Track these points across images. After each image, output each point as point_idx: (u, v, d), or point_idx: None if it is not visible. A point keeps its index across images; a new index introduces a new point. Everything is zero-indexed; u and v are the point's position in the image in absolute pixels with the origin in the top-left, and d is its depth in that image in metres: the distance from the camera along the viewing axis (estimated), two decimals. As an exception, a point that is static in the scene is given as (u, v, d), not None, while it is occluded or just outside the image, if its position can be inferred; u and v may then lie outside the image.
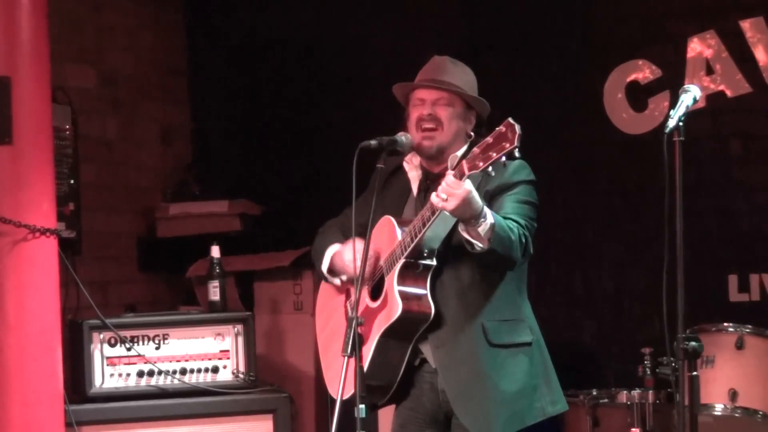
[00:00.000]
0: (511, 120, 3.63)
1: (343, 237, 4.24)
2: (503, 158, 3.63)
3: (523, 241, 3.91)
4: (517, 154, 3.63)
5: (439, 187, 3.75)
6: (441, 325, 4.01)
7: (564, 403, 4.15)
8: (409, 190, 4.18)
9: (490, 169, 3.66)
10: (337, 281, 4.26)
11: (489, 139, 3.66)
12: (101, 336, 5.16)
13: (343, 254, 4.19)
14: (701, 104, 5.48)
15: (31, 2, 4.75)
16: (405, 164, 4.18)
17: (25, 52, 4.75)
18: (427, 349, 4.06)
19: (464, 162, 3.70)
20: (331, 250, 4.25)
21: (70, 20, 6.01)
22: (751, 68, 5.90)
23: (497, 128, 3.65)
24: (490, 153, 3.64)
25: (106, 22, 6.32)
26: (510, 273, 4.02)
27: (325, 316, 4.39)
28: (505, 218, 3.89)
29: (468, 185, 3.70)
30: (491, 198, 3.97)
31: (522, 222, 3.93)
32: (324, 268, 4.26)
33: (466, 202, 3.71)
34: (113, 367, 5.18)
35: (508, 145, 3.61)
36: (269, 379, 5.54)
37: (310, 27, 6.70)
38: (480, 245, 3.78)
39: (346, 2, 6.62)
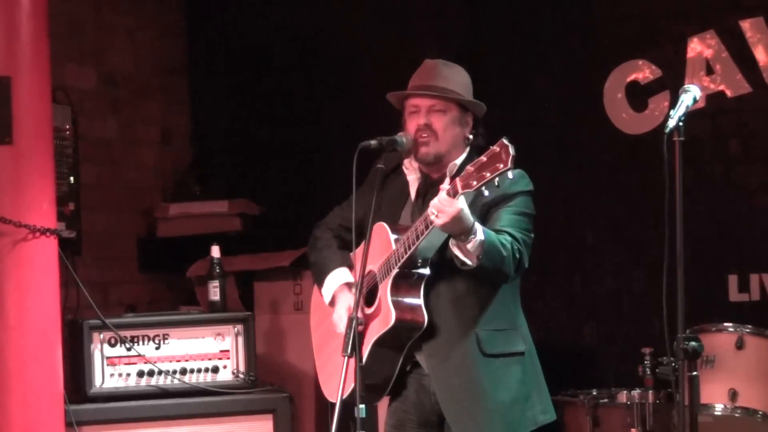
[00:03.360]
0: (505, 141, 3.60)
1: (342, 249, 4.22)
2: (496, 180, 3.62)
3: (517, 256, 3.87)
4: (510, 175, 3.61)
5: (431, 203, 3.74)
6: (435, 334, 3.99)
7: (553, 412, 4.14)
8: (407, 193, 4.16)
9: (483, 188, 3.65)
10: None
11: (483, 158, 3.63)
12: (101, 336, 5.16)
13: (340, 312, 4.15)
14: (701, 104, 5.48)
15: (31, 2, 4.75)
16: (404, 167, 4.17)
17: (25, 52, 4.75)
18: (420, 357, 4.05)
19: (458, 180, 3.68)
20: (332, 280, 4.21)
21: (70, 20, 6.01)
22: (751, 68, 5.90)
23: (492, 147, 3.62)
24: (484, 173, 3.61)
25: (106, 22, 6.33)
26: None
27: (319, 315, 4.39)
28: (500, 231, 3.86)
29: (460, 203, 3.68)
30: (488, 209, 3.94)
31: (517, 236, 3.90)
32: (327, 300, 4.24)
33: (456, 220, 3.69)
34: (113, 367, 5.18)
35: (501, 166, 3.58)
36: (269, 379, 5.54)
37: (309, 27, 6.69)
38: (469, 262, 3.78)
39: (345, 3, 6.62)
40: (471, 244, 3.74)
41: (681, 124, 3.61)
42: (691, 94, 3.70)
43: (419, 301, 3.96)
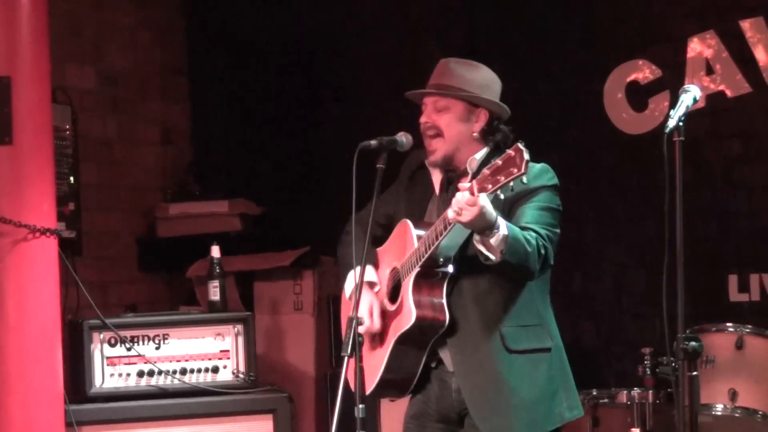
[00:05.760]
0: (520, 145, 3.59)
1: (370, 242, 4.20)
2: (511, 184, 3.62)
3: (542, 252, 3.87)
4: (525, 180, 3.61)
5: (453, 201, 3.74)
6: (459, 332, 3.99)
7: (580, 408, 4.12)
8: (432, 189, 4.17)
9: (498, 192, 3.65)
10: None
11: (499, 162, 3.63)
12: (101, 336, 5.16)
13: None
14: (701, 104, 5.48)
15: (31, 2, 4.75)
16: (427, 163, 4.18)
17: (25, 52, 4.75)
18: (445, 354, 4.05)
19: (474, 182, 3.68)
20: (352, 276, 4.20)
21: (70, 20, 6.01)
22: (751, 68, 5.90)
23: (507, 151, 3.62)
24: (498, 177, 3.62)
25: (106, 22, 6.33)
26: None
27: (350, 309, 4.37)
28: (525, 228, 3.86)
29: (482, 200, 3.67)
30: (512, 205, 3.94)
31: (542, 232, 3.89)
32: (347, 294, 4.24)
33: (480, 216, 3.69)
34: (113, 367, 5.18)
35: (516, 171, 3.58)
36: (269, 379, 5.54)
37: (310, 27, 6.70)
38: (493, 257, 3.78)
39: (346, 2, 6.63)
40: (495, 239, 3.74)
41: (681, 124, 3.61)
42: (691, 94, 3.70)
43: (441, 299, 3.96)
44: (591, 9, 6.26)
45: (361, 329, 3.99)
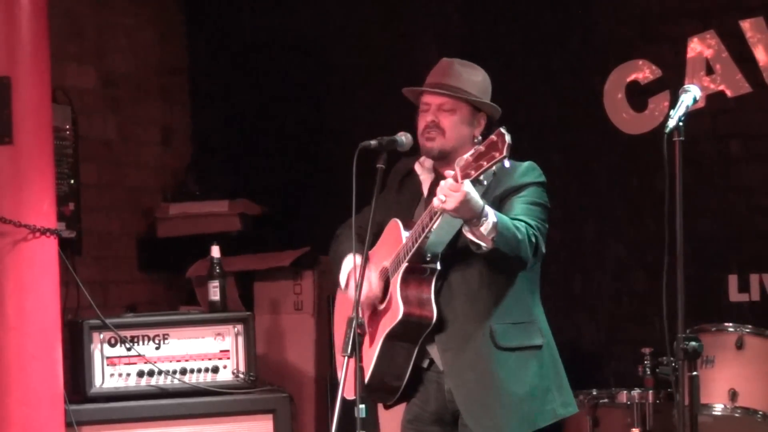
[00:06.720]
0: (502, 130, 3.62)
1: (359, 242, 4.22)
2: (494, 168, 3.63)
3: (533, 240, 3.88)
4: (506, 164, 3.63)
5: (438, 189, 3.76)
6: (449, 329, 4.00)
7: (575, 405, 4.13)
8: (421, 192, 4.18)
9: (482, 178, 3.66)
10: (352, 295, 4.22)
11: (481, 148, 3.66)
12: (101, 336, 5.17)
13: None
14: (701, 104, 5.47)
15: (31, 2, 4.76)
16: (416, 167, 4.19)
17: (25, 52, 4.75)
18: (434, 352, 4.05)
19: (458, 168, 3.71)
20: (347, 264, 4.21)
21: (70, 20, 6.01)
22: (751, 68, 5.90)
23: (490, 137, 3.65)
24: (481, 162, 3.65)
25: (106, 22, 6.33)
26: (521, 275, 4.00)
27: (342, 314, 4.37)
28: (513, 219, 3.88)
29: (466, 187, 3.70)
30: (500, 201, 3.96)
31: (532, 222, 3.91)
32: (342, 283, 4.25)
33: (465, 202, 3.71)
34: (113, 367, 5.18)
35: (497, 155, 3.60)
36: (269, 379, 5.54)
37: (310, 27, 6.70)
38: (484, 245, 3.78)
39: (346, 2, 6.63)
40: (484, 227, 3.75)
41: (681, 124, 3.61)
42: (691, 94, 3.71)
43: (429, 296, 3.96)
44: (591, 9, 6.26)
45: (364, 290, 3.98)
